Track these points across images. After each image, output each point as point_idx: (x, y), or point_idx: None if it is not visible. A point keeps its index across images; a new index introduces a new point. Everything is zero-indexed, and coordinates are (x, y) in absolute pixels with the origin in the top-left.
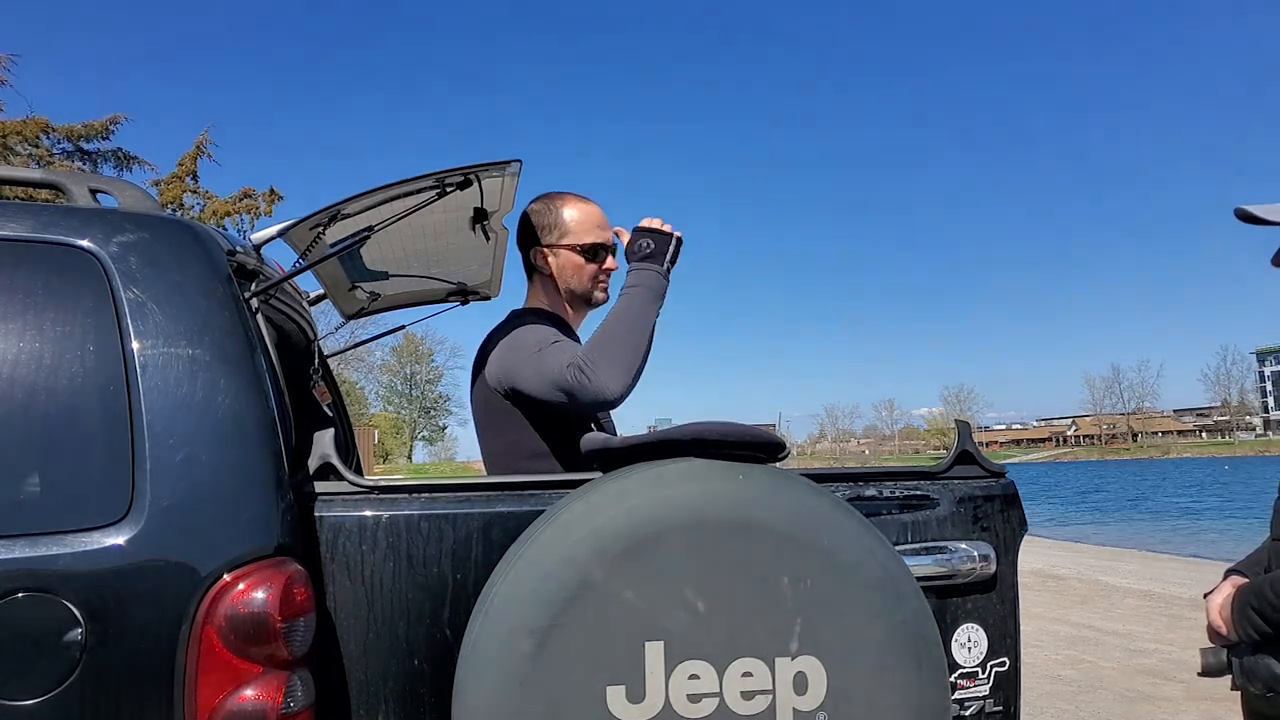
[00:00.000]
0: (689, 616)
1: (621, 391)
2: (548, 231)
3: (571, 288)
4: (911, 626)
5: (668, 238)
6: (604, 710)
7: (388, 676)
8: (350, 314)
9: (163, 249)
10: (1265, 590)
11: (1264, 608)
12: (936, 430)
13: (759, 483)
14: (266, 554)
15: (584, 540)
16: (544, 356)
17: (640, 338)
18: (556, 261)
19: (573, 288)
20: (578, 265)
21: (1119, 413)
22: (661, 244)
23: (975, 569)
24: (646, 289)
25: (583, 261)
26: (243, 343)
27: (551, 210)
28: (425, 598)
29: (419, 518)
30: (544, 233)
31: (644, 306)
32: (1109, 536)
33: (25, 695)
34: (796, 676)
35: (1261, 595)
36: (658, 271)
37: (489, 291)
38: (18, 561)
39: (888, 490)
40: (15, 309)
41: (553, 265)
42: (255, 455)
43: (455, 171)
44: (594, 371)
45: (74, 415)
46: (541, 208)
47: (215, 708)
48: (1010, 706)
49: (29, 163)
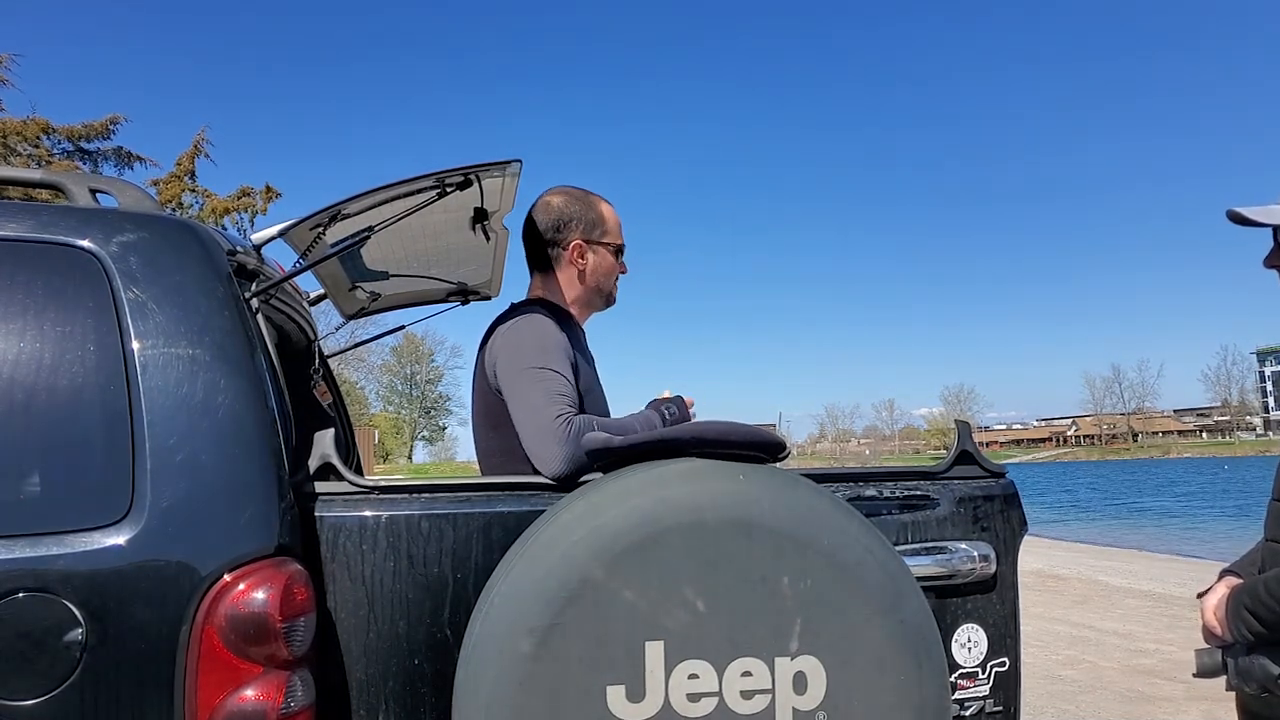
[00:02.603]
0: (689, 616)
1: (574, 471)
2: (591, 227)
3: (600, 286)
4: (911, 626)
5: (687, 416)
6: (604, 709)
7: (388, 676)
8: (350, 314)
9: (163, 249)
10: (1259, 590)
11: (1257, 608)
12: (936, 430)
13: (759, 483)
14: (267, 554)
15: (584, 540)
16: (543, 386)
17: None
18: (594, 259)
19: (601, 286)
20: (610, 266)
21: (1119, 413)
22: (680, 417)
23: (975, 569)
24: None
25: (614, 262)
26: (243, 343)
27: (592, 207)
28: (425, 597)
29: (419, 518)
30: (588, 228)
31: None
32: (1109, 536)
33: (26, 695)
34: (796, 676)
35: (1255, 595)
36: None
37: (489, 291)
38: (18, 561)
39: (888, 490)
40: (15, 309)
41: (590, 261)
42: (255, 455)
43: (455, 171)
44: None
45: (74, 415)
46: (580, 204)
47: (215, 707)
48: (1010, 706)
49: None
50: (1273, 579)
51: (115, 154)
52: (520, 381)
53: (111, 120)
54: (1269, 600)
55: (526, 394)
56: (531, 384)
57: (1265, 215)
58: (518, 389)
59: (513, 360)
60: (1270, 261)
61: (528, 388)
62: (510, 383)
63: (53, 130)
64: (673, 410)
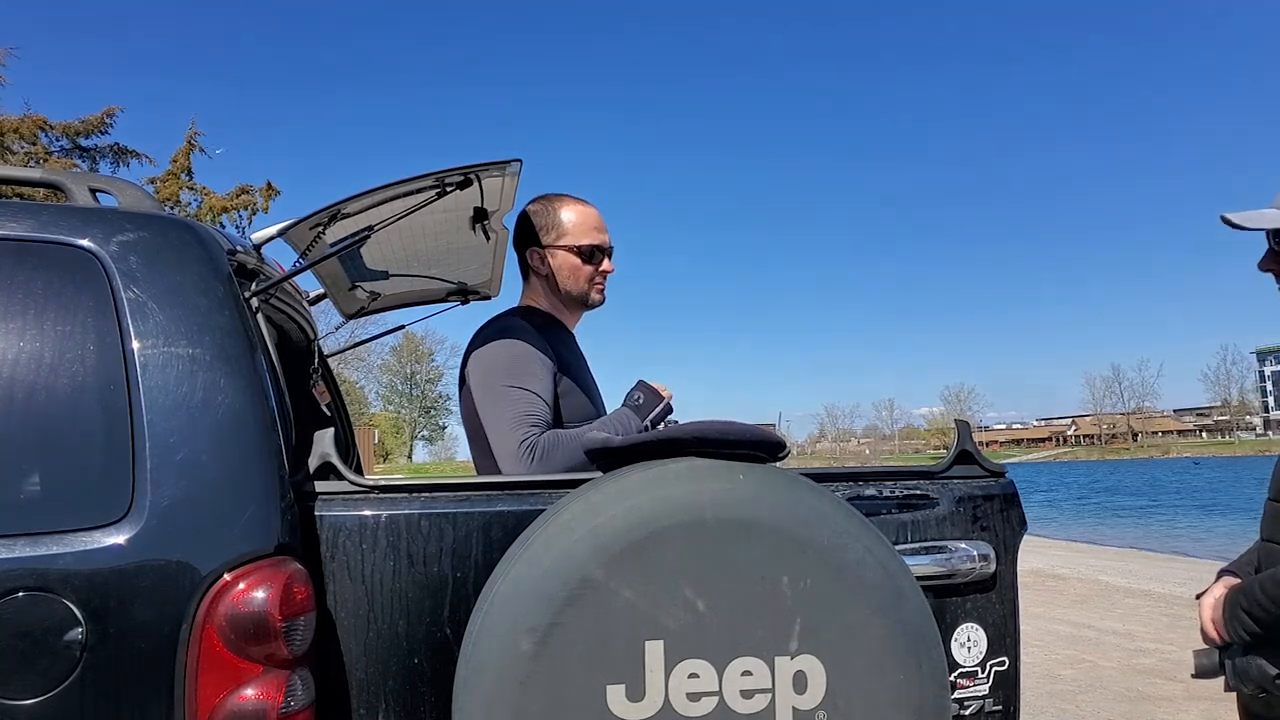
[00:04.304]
0: (689, 615)
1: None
2: (546, 232)
3: (569, 289)
4: (911, 626)
5: (659, 400)
6: (604, 709)
7: (388, 676)
8: (350, 314)
9: (163, 248)
10: (1255, 591)
11: (1253, 608)
12: (936, 430)
13: (759, 482)
14: (267, 553)
15: (584, 539)
16: (511, 409)
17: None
18: (554, 263)
19: (570, 289)
20: (575, 267)
21: (1119, 412)
22: (650, 402)
23: (975, 568)
24: (622, 429)
25: (579, 263)
26: (243, 342)
27: (549, 211)
28: (425, 597)
29: (419, 517)
30: (542, 233)
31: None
32: (1108, 536)
33: (26, 694)
34: (796, 675)
35: (1251, 596)
36: (637, 424)
37: (489, 291)
38: (18, 561)
39: (888, 490)
40: (15, 309)
41: (550, 266)
42: (255, 455)
43: (455, 171)
44: (540, 465)
45: (74, 415)
46: (539, 209)
47: (215, 707)
48: (1010, 706)
49: (27, 161)
50: (1268, 579)
51: (112, 150)
52: (488, 402)
53: (108, 113)
54: (1264, 600)
55: (495, 416)
56: (500, 406)
57: (1256, 220)
58: (487, 409)
59: (484, 380)
60: (1265, 265)
61: (497, 409)
62: (481, 402)
63: (50, 127)
64: (638, 398)
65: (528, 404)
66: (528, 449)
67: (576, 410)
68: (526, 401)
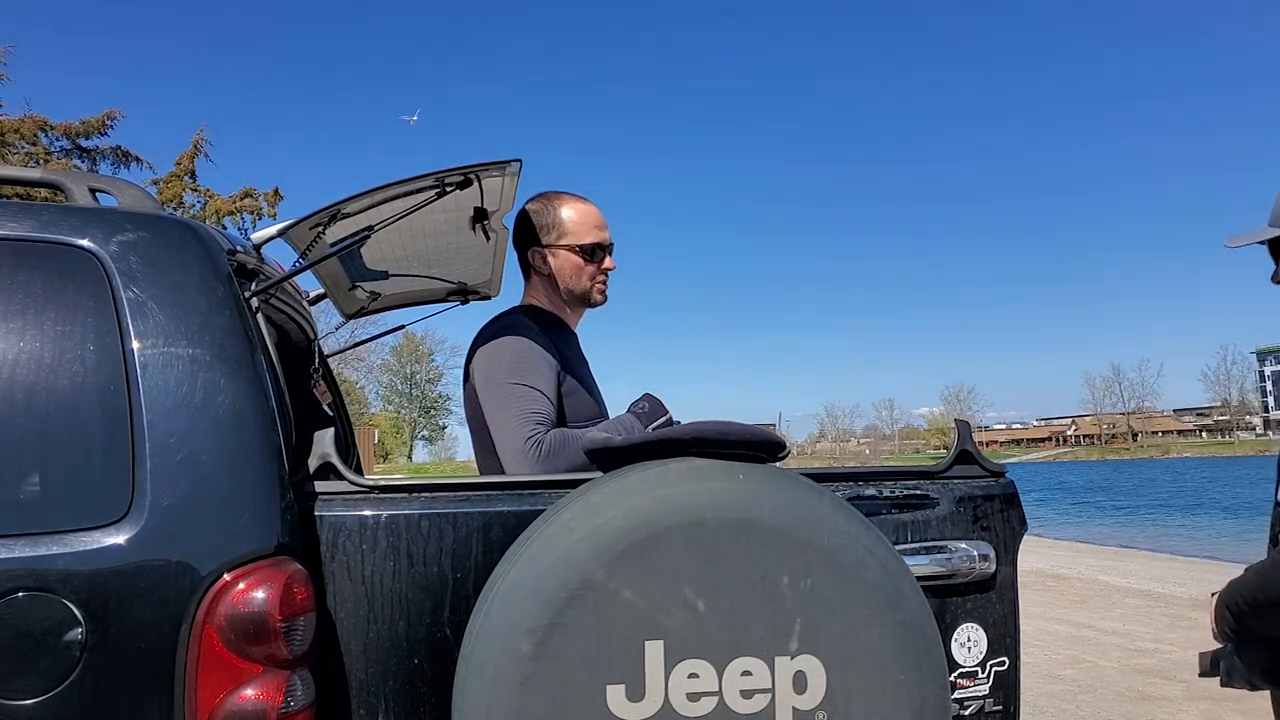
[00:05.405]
0: (689, 616)
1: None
2: (546, 231)
3: (570, 288)
4: (911, 626)
5: (664, 412)
6: (604, 709)
7: (388, 676)
8: (350, 314)
9: (163, 249)
10: (1235, 589)
11: (1233, 605)
12: (936, 430)
13: (759, 482)
14: (266, 553)
15: (584, 539)
16: (516, 405)
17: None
18: (555, 262)
19: (571, 288)
20: (577, 266)
21: (1119, 412)
22: (655, 411)
23: (975, 569)
24: (626, 434)
25: (581, 262)
26: (243, 342)
27: (550, 210)
28: (425, 597)
29: (419, 517)
30: (542, 233)
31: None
32: (1109, 536)
33: (25, 694)
34: (796, 676)
35: (1232, 594)
36: (641, 430)
37: (489, 291)
38: (18, 561)
39: (888, 490)
40: (15, 309)
41: (551, 265)
42: (255, 455)
43: (455, 171)
44: (545, 463)
45: (74, 415)
46: (539, 207)
47: (215, 707)
48: (1010, 706)
49: (27, 161)
50: (1245, 579)
51: (113, 152)
52: (494, 399)
53: (109, 115)
54: (1238, 599)
55: (501, 413)
56: (505, 402)
57: (1254, 236)
58: (492, 407)
59: (489, 376)
60: (1278, 278)
61: (502, 406)
62: (486, 399)
63: (50, 127)
64: (643, 407)
65: (533, 401)
66: (534, 445)
67: (580, 409)
68: (532, 398)
